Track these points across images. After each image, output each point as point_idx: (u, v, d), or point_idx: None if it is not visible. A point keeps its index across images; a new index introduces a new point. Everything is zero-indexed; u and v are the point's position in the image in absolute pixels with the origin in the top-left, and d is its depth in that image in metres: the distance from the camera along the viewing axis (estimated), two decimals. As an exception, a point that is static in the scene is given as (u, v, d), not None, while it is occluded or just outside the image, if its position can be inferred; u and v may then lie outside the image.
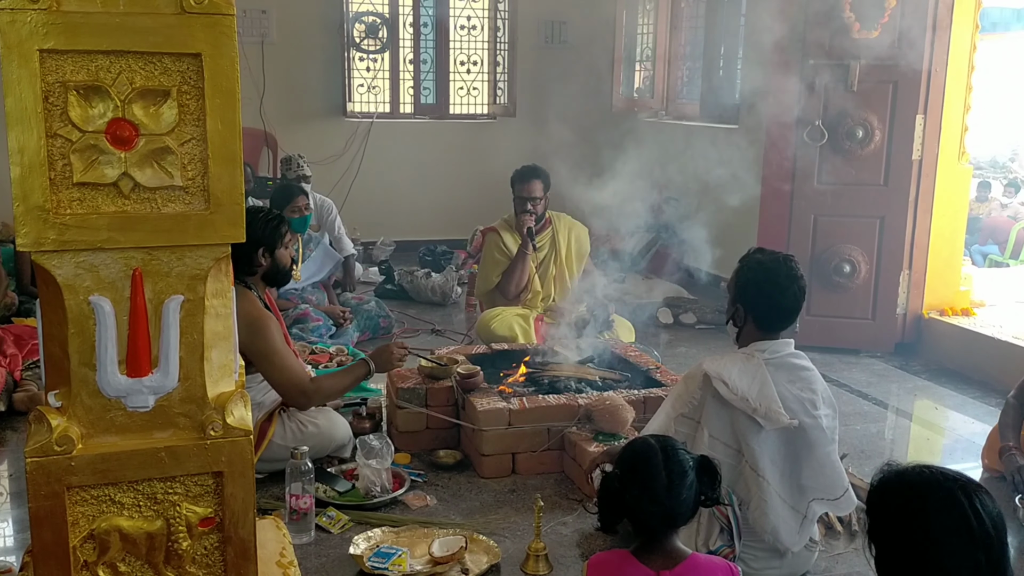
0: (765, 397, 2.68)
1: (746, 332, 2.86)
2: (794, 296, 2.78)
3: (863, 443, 4.01)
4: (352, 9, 7.81)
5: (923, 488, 1.64)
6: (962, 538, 1.58)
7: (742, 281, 2.85)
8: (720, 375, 2.71)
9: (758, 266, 2.83)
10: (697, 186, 5.70)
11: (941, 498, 1.61)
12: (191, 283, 1.81)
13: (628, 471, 2.15)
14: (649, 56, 7.87)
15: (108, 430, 1.82)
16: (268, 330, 3.29)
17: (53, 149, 1.70)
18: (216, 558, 1.92)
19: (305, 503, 3.01)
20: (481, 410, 3.51)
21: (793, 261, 2.84)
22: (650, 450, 2.15)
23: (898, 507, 1.66)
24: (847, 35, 4.98)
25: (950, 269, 5.41)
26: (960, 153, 5.27)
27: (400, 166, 7.99)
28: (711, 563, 2.17)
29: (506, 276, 4.98)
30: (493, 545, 2.94)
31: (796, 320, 2.85)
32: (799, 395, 2.74)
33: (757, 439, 2.69)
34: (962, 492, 1.62)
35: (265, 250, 3.45)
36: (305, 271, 5.39)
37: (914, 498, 1.64)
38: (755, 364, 2.74)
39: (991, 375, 4.80)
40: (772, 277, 2.78)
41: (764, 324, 2.82)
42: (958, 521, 1.59)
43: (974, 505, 1.60)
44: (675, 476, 2.10)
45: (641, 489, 2.10)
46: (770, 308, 2.81)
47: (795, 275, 2.79)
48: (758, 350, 2.80)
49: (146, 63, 1.71)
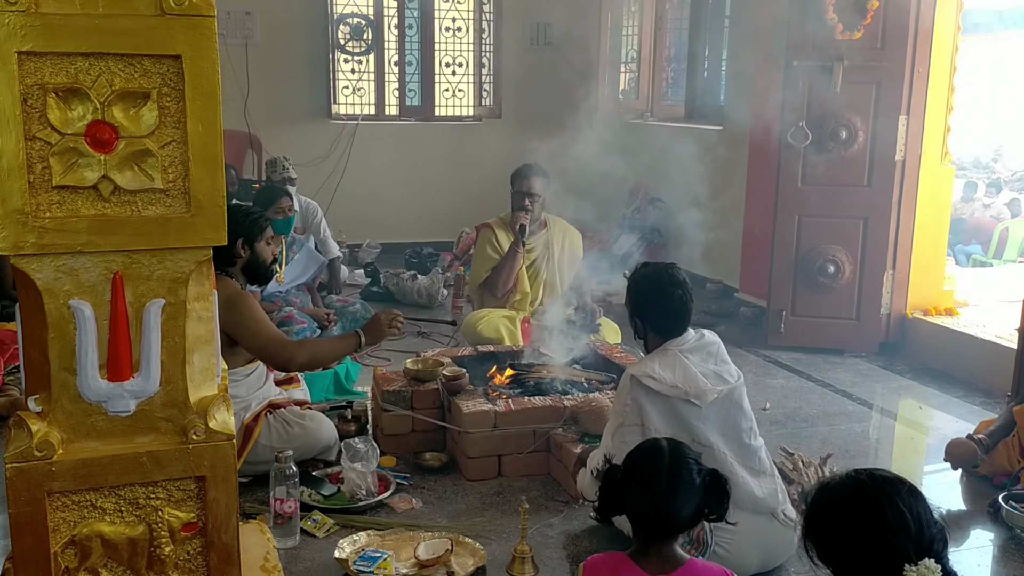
0: (690, 378, 2.87)
1: (651, 341, 3.04)
2: (681, 300, 2.96)
3: (848, 443, 4.03)
4: (337, 11, 7.79)
5: (849, 491, 1.76)
6: (888, 530, 1.69)
7: (633, 296, 3.05)
8: (645, 372, 2.89)
9: (643, 279, 3.04)
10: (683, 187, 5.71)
11: (866, 499, 1.73)
12: (172, 286, 1.80)
13: (631, 468, 2.14)
14: (634, 58, 7.89)
15: (89, 435, 1.81)
16: (244, 301, 3.32)
17: (32, 152, 1.68)
18: (199, 563, 1.91)
19: (290, 507, 2.99)
20: (467, 412, 3.51)
21: (675, 268, 3.04)
22: (657, 452, 2.14)
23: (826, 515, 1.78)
24: (830, 36, 5.00)
25: (934, 269, 5.45)
26: (943, 154, 5.31)
27: (386, 168, 7.98)
28: (709, 569, 2.14)
29: (495, 273, 4.97)
30: (479, 548, 2.94)
31: (688, 323, 3.01)
32: (715, 369, 2.96)
33: (699, 418, 2.87)
34: (879, 493, 1.73)
35: (244, 241, 3.47)
36: (289, 273, 5.37)
37: (842, 500, 1.76)
38: (671, 355, 2.94)
39: (975, 374, 4.83)
40: (657, 286, 2.98)
41: (661, 331, 3.01)
42: (880, 516, 1.70)
43: (892, 501, 1.70)
44: (678, 483, 2.07)
45: (641, 489, 2.08)
46: (662, 315, 2.99)
47: (678, 280, 2.98)
48: (669, 346, 2.98)
49: (126, 65, 1.70)
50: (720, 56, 6.95)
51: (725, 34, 6.80)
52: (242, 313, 3.29)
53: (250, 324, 3.32)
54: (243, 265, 3.52)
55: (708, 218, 5.21)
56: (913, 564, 1.65)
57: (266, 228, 3.57)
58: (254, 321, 3.34)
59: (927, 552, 1.67)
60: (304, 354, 3.43)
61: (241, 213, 3.49)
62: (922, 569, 1.63)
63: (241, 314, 3.29)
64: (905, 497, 1.72)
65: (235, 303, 3.28)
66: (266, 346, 3.35)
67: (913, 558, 1.66)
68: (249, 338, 3.33)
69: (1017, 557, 3.08)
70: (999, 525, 3.26)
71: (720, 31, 6.92)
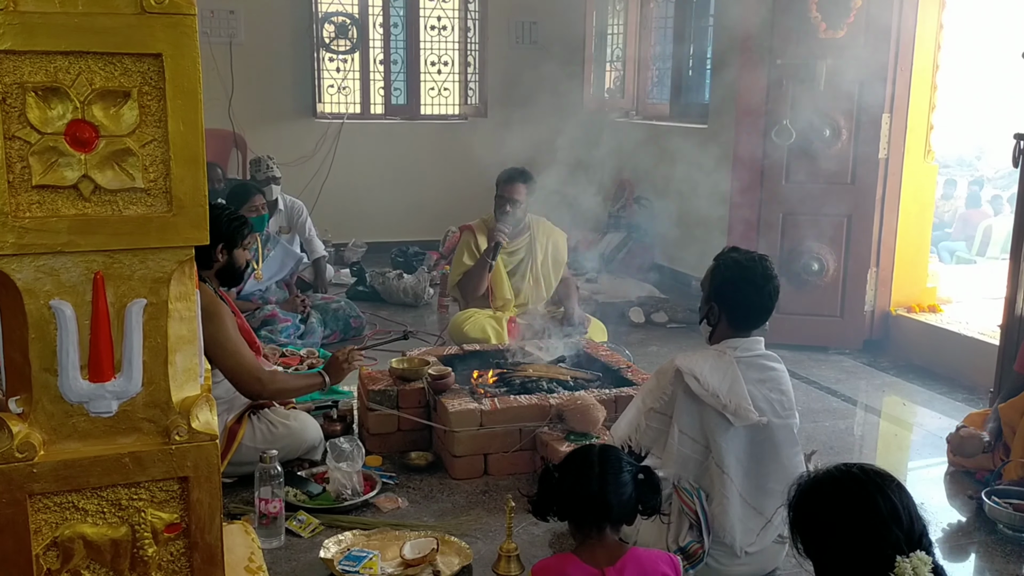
0: (735, 394, 2.69)
1: (719, 330, 2.88)
2: (769, 295, 2.80)
3: (832, 439, 4.05)
4: (321, 9, 7.76)
5: (841, 483, 1.77)
6: (881, 521, 1.69)
7: (717, 279, 2.86)
8: (692, 370, 2.72)
9: (735, 264, 2.84)
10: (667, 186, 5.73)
11: (859, 491, 1.73)
12: (154, 286, 1.79)
13: (565, 463, 2.27)
14: (619, 57, 7.90)
15: (71, 436, 1.80)
16: (219, 317, 3.27)
17: (11, 151, 1.67)
18: (182, 564, 1.90)
19: (274, 507, 2.99)
20: (452, 411, 3.50)
21: (768, 261, 2.86)
22: (589, 448, 2.29)
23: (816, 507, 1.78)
24: (814, 35, 5.02)
25: (917, 266, 5.48)
26: (926, 151, 5.34)
27: (371, 167, 7.96)
28: (650, 554, 2.23)
29: (465, 278, 4.99)
30: (465, 547, 2.94)
31: (767, 320, 2.87)
32: (768, 395, 2.77)
33: (725, 436, 2.71)
34: (871, 484, 1.73)
35: (224, 247, 3.45)
36: (267, 271, 5.36)
37: (835, 492, 1.76)
38: (726, 361, 2.76)
39: (958, 371, 4.86)
40: (748, 275, 2.80)
41: (737, 322, 2.84)
42: (874, 507, 1.70)
43: (884, 493, 1.72)
44: (608, 471, 2.19)
45: (574, 480, 2.20)
46: (745, 307, 2.82)
47: (770, 274, 2.82)
48: (729, 347, 2.81)
49: (106, 64, 1.69)
50: (705, 55, 6.97)
51: (709, 33, 6.82)
52: (216, 328, 3.22)
53: (226, 343, 3.27)
54: (218, 269, 3.48)
55: (693, 216, 5.22)
56: (906, 556, 1.65)
57: (247, 234, 3.54)
58: (231, 342, 3.29)
59: (917, 544, 1.68)
60: (273, 387, 3.40)
61: (224, 218, 3.45)
62: (915, 560, 1.64)
63: (216, 328, 3.22)
64: (895, 490, 1.73)
65: (209, 316, 3.17)
66: (239, 372, 3.30)
67: (905, 549, 1.66)
68: (223, 357, 3.27)
69: (1000, 553, 3.11)
70: (983, 520, 3.28)
71: (704, 30, 6.94)
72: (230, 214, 3.54)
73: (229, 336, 3.29)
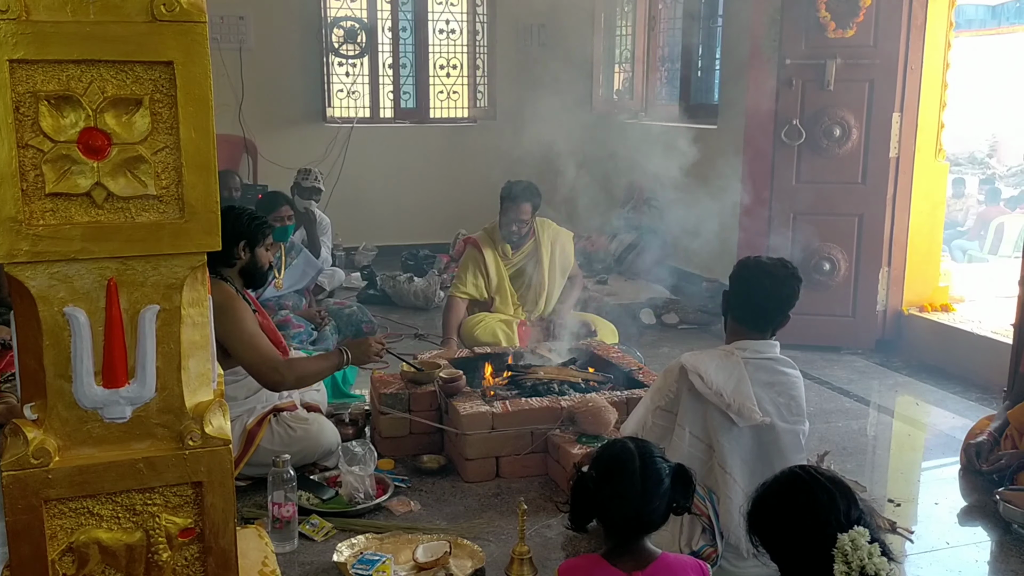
0: (740, 394, 2.69)
1: (731, 328, 2.89)
2: (780, 297, 2.80)
3: (845, 440, 4.03)
4: (330, 14, 7.79)
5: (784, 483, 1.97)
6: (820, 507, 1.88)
7: (733, 276, 2.89)
8: (696, 368, 2.73)
9: (753, 264, 2.87)
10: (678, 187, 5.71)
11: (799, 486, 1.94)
12: (167, 292, 1.80)
13: (603, 473, 2.14)
14: (628, 58, 7.90)
15: (85, 442, 1.81)
16: (234, 311, 3.29)
17: (25, 160, 1.68)
18: (197, 569, 1.91)
19: (288, 511, 2.99)
20: (464, 414, 3.51)
21: (786, 265, 2.86)
22: (627, 454, 2.14)
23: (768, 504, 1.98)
24: (823, 34, 5.02)
25: (929, 265, 5.45)
26: (937, 150, 5.31)
27: (381, 171, 7.97)
28: (681, 561, 2.19)
29: (446, 312, 4.95)
30: (478, 550, 2.94)
31: (780, 322, 2.85)
32: (775, 398, 2.77)
33: (729, 436, 2.71)
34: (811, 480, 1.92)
35: (246, 244, 3.46)
36: (287, 279, 5.40)
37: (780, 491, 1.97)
38: (734, 361, 2.76)
39: (971, 370, 4.84)
40: (755, 273, 2.82)
41: (741, 319, 2.85)
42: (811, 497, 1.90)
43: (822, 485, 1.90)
44: (650, 482, 2.09)
45: (614, 492, 2.09)
46: (746, 304, 2.83)
47: (778, 276, 2.81)
48: (739, 348, 2.81)
49: (118, 72, 1.70)
50: (714, 55, 6.96)
51: (718, 33, 6.81)
52: (232, 321, 3.25)
53: (241, 336, 3.28)
54: (241, 268, 3.50)
55: (703, 217, 5.21)
56: (844, 531, 1.82)
57: (268, 234, 3.56)
58: (247, 333, 3.30)
59: (856, 523, 1.85)
60: (292, 375, 3.39)
61: (246, 216, 3.49)
62: (852, 534, 1.81)
63: (232, 322, 3.25)
64: (832, 482, 1.92)
65: (225, 310, 3.21)
66: (258, 364, 3.32)
67: (844, 527, 1.83)
68: (241, 350, 3.29)
69: (1015, 553, 3.09)
70: (997, 521, 3.26)
71: (713, 30, 6.93)
72: (251, 213, 3.56)
73: (245, 328, 3.31)
